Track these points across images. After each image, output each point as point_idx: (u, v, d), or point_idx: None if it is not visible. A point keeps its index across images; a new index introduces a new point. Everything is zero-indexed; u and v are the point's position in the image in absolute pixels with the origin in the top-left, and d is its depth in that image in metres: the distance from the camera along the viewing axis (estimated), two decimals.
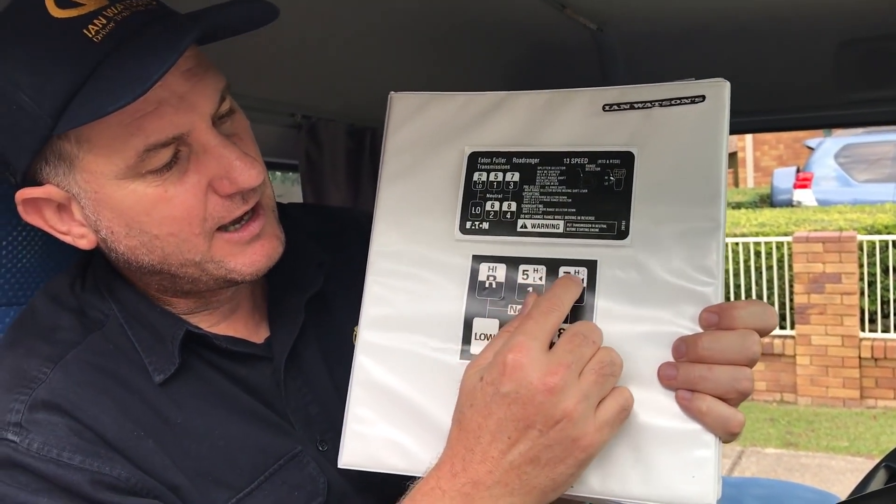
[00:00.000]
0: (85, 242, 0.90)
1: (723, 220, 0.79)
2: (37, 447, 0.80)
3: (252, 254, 0.91)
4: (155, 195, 0.84)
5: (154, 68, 0.75)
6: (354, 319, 1.04)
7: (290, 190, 2.70)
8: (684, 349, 0.77)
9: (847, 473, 5.45)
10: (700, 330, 0.78)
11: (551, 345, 0.74)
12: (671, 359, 0.78)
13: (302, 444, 0.94)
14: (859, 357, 6.72)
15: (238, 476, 0.89)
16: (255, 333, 1.00)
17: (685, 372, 0.76)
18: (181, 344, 0.90)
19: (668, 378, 0.77)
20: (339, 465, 0.85)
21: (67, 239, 0.90)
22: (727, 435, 0.76)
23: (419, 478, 0.78)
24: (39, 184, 0.87)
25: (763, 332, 0.77)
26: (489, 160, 0.88)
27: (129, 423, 0.85)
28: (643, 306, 0.79)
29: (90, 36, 0.79)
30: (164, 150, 0.83)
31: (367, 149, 2.14)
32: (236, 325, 0.99)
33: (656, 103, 0.84)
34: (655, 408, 0.77)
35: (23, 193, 0.87)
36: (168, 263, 0.89)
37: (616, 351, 0.76)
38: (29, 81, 0.79)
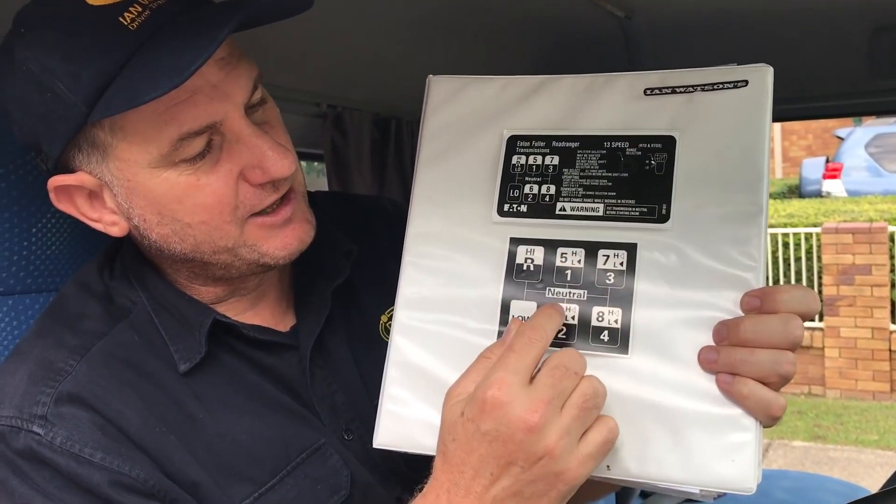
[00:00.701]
0: (117, 230, 0.90)
1: (765, 204, 0.79)
2: (60, 441, 0.81)
3: (284, 237, 0.91)
4: (187, 183, 0.84)
5: (191, 58, 0.75)
6: (381, 308, 1.05)
7: (315, 181, 2.71)
8: (725, 333, 0.76)
9: (876, 467, 5.39)
10: (741, 314, 0.77)
11: (534, 375, 0.74)
12: (712, 343, 0.77)
13: (326, 436, 0.94)
14: (889, 350, 6.63)
15: (260, 470, 0.89)
16: (282, 322, 1.00)
17: (726, 355, 0.75)
18: (208, 332, 0.91)
19: (708, 362, 0.76)
20: (374, 445, 0.85)
21: (98, 226, 0.91)
22: (768, 419, 0.76)
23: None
24: (72, 171, 0.87)
25: (805, 317, 0.76)
26: (528, 143, 0.87)
27: (153, 419, 0.86)
28: (683, 290, 0.78)
29: (125, 24, 0.79)
30: (198, 139, 0.83)
31: (393, 138, 2.14)
32: (263, 314, 1.00)
33: (698, 88, 0.83)
34: (695, 392, 0.76)
35: (55, 181, 0.87)
36: (200, 251, 0.89)
37: (599, 380, 0.75)
38: (64, 69, 0.79)
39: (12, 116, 0.87)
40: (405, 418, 0.84)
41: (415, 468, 0.84)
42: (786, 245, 7.34)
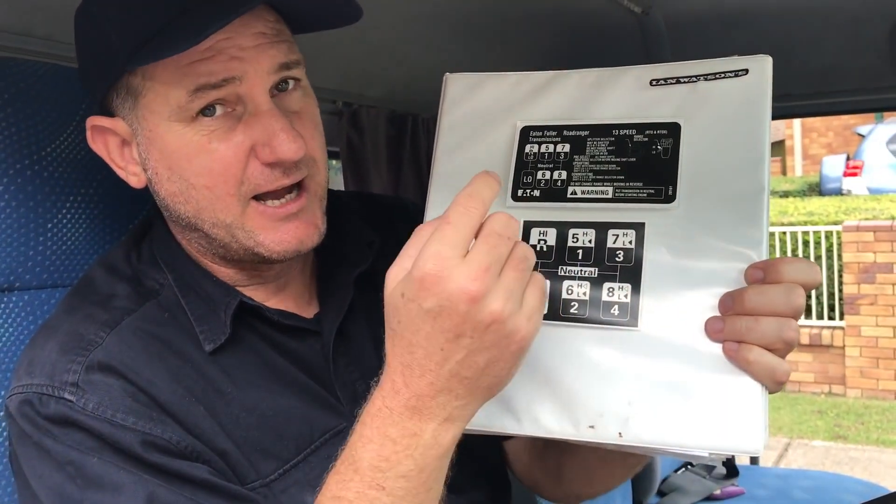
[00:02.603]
0: (136, 181, 0.94)
1: (767, 184, 0.83)
2: (92, 407, 0.83)
3: (284, 232, 0.91)
4: (199, 143, 0.87)
5: (214, 21, 0.80)
6: None
7: (333, 178, 2.71)
8: (731, 303, 0.79)
9: None
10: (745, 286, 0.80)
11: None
12: (718, 314, 0.80)
13: (347, 421, 0.94)
14: None
15: (285, 448, 0.90)
16: (306, 310, 1.02)
17: (731, 324, 0.78)
18: (234, 315, 0.92)
19: (715, 331, 0.79)
20: None
21: (122, 174, 0.95)
22: (774, 384, 0.78)
23: None
24: (111, 115, 0.92)
25: (807, 287, 0.79)
26: (540, 133, 0.91)
27: (181, 389, 0.87)
28: (689, 265, 0.82)
29: None
30: (212, 92, 0.86)
31: (409, 135, 2.14)
32: (287, 302, 1.01)
33: (701, 77, 0.88)
34: (703, 360, 0.80)
35: (93, 120, 0.93)
36: (201, 219, 0.91)
37: (526, 245, 0.75)
38: (119, 16, 0.86)
39: (79, 53, 0.95)
40: None
41: None
42: (806, 243, 7.28)
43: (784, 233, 7.38)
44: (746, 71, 0.86)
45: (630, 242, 0.84)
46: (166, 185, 0.91)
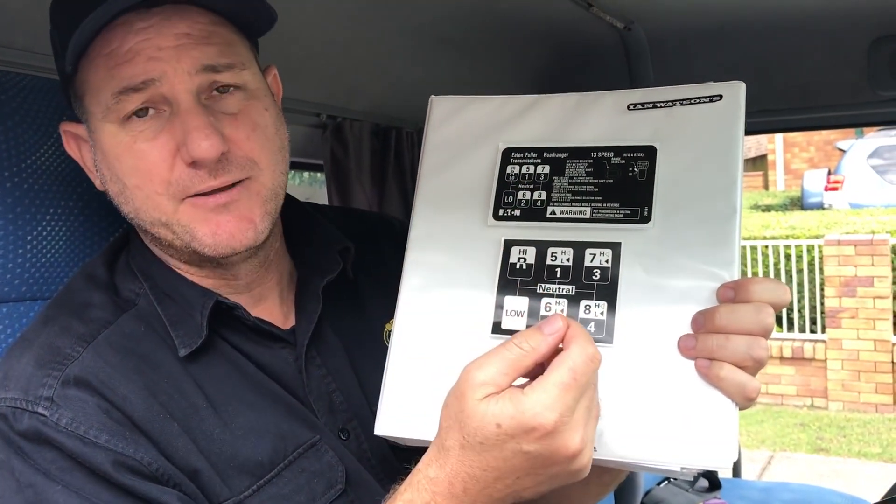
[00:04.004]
0: (98, 184, 0.96)
1: (739, 206, 0.85)
2: (65, 422, 0.82)
3: (215, 224, 0.90)
4: (126, 143, 0.88)
5: (105, 9, 0.82)
6: (386, 317, 1.06)
7: (317, 192, 2.71)
8: (703, 321, 0.81)
9: (879, 480, 5.36)
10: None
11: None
12: (690, 332, 0.82)
13: (322, 433, 0.95)
14: (892, 362, 6.61)
15: (258, 463, 0.90)
16: (284, 322, 1.02)
17: (703, 341, 0.80)
18: (210, 317, 0.92)
19: (687, 348, 0.81)
20: (375, 433, 0.88)
21: (91, 176, 0.97)
22: (744, 400, 0.80)
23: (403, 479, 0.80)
24: (80, 122, 0.95)
25: (777, 307, 0.80)
26: (522, 155, 0.94)
27: (157, 405, 0.87)
28: (664, 284, 0.84)
29: None
30: (135, 96, 0.86)
31: (393, 149, 2.14)
32: (263, 314, 1.00)
33: (677, 102, 0.91)
34: (675, 377, 0.81)
35: (64, 125, 0.97)
36: (140, 218, 0.92)
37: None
38: (58, 19, 0.90)
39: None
40: (405, 409, 0.87)
41: (410, 464, 0.84)
42: (787, 257, 7.32)
43: (766, 246, 7.42)
44: (721, 96, 0.89)
45: (607, 261, 0.86)
46: (110, 185, 0.93)
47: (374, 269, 1.10)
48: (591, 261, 0.86)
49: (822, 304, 6.96)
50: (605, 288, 0.85)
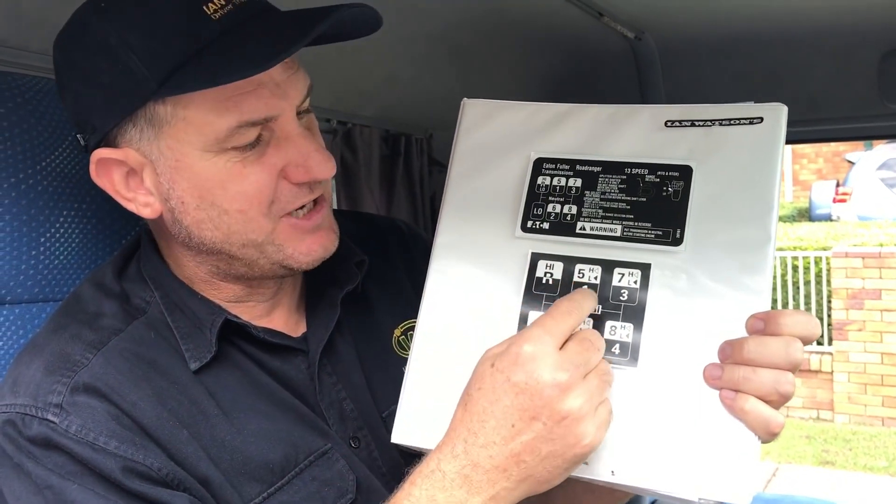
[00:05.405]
0: (149, 211, 0.92)
1: (773, 234, 0.83)
2: (75, 429, 0.82)
3: (311, 242, 0.94)
4: (232, 171, 0.87)
5: (277, 50, 0.81)
6: (395, 322, 1.08)
7: None
8: (730, 351, 0.80)
9: (885, 494, 5.34)
10: (746, 335, 0.80)
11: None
12: (717, 360, 0.80)
13: (333, 441, 0.95)
14: None
15: (269, 470, 0.90)
16: (294, 329, 1.02)
17: (730, 372, 0.79)
18: (219, 332, 0.92)
19: (713, 378, 0.80)
20: (392, 441, 0.88)
21: (131, 206, 0.92)
22: (767, 434, 0.79)
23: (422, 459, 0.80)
24: (116, 146, 0.89)
25: (806, 341, 0.79)
26: (553, 166, 0.92)
27: (166, 413, 0.87)
28: (692, 310, 0.82)
29: (209, 13, 0.84)
30: (252, 130, 0.87)
31: (402, 155, 2.15)
32: (275, 321, 1.01)
33: (716, 122, 0.88)
34: (699, 406, 0.80)
35: (99, 153, 0.89)
36: (230, 242, 0.91)
37: (609, 365, 0.80)
38: (143, 44, 0.83)
39: (70, 86, 0.90)
40: (423, 418, 0.87)
41: None
42: (795, 268, 7.31)
43: (774, 258, 7.41)
44: (761, 119, 0.86)
45: (635, 282, 0.84)
46: (193, 213, 0.90)
47: (382, 276, 1.11)
48: (619, 280, 0.85)
49: (829, 316, 6.94)
50: (632, 309, 0.83)
